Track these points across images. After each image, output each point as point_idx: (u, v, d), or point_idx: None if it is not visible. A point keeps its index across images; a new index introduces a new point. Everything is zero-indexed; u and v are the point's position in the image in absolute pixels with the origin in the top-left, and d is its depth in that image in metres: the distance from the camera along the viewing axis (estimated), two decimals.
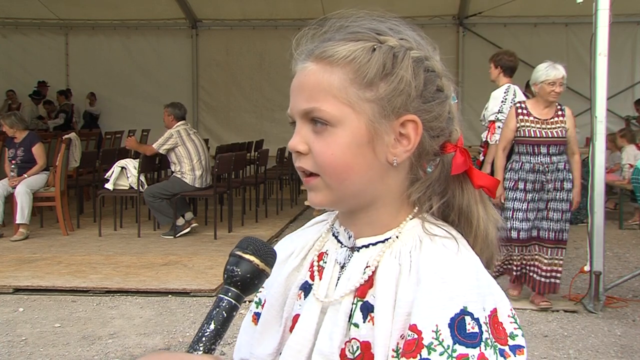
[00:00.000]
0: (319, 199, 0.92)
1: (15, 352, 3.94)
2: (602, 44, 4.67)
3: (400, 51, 0.89)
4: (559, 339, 4.14)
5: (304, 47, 0.94)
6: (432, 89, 0.91)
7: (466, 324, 0.81)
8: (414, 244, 0.90)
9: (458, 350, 0.80)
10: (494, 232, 0.96)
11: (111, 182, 7.27)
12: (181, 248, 6.60)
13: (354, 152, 0.88)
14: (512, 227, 4.61)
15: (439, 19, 11.39)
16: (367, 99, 0.88)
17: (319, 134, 0.89)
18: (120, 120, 11.94)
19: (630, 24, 10.87)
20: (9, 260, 6.06)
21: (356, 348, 0.89)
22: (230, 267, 0.88)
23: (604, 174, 4.85)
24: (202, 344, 0.84)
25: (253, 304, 1.09)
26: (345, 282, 0.93)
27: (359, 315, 0.90)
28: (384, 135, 0.89)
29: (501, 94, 5.44)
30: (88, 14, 11.93)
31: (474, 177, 0.94)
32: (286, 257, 1.03)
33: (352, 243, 0.95)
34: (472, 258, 0.89)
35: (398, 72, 0.88)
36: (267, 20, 11.71)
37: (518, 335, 0.85)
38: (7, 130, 7.34)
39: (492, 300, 0.85)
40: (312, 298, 0.95)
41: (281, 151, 9.73)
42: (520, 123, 4.61)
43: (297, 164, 0.93)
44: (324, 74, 0.89)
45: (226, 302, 0.87)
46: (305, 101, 0.90)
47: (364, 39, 0.90)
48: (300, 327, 0.94)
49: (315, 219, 1.08)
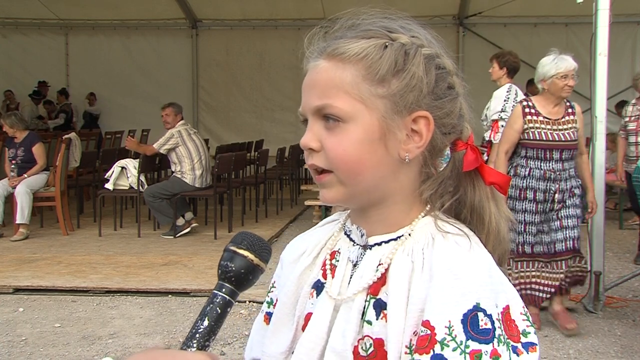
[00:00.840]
0: (331, 195, 0.92)
1: (16, 352, 3.94)
2: (602, 44, 4.66)
3: (412, 48, 0.90)
4: (559, 339, 4.14)
5: (316, 46, 0.95)
6: (444, 86, 0.92)
7: (479, 320, 0.82)
8: (426, 241, 0.90)
9: (471, 346, 0.81)
10: (506, 228, 0.96)
11: (111, 182, 7.27)
12: (181, 248, 6.60)
13: (366, 147, 0.89)
14: (526, 241, 4.15)
15: (439, 19, 11.38)
16: (379, 95, 0.89)
17: (331, 131, 0.90)
18: (120, 120, 11.93)
19: (630, 24, 10.87)
20: (9, 260, 6.06)
21: (369, 345, 0.89)
22: (224, 262, 0.88)
23: (604, 174, 4.85)
24: (195, 340, 0.83)
25: (265, 304, 1.09)
26: (358, 280, 0.93)
27: (372, 312, 0.90)
28: (396, 131, 0.89)
29: (504, 93, 5.48)
30: (88, 14, 11.93)
31: (486, 174, 0.95)
32: (298, 256, 1.03)
33: (364, 241, 0.96)
34: (485, 255, 0.89)
35: (410, 68, 0.89)
36: (267, 20, 11.70)
37: (530, 333, 0.86)
38: (7, 130, 7.34)
39: (505, 297, 0.86)
40: (325, 296, 0.95)
41: (281, 151, 9.72)
42: (528, 124, 4.11)
43: (310, 162, 0.93)
44: (336, 71, 0.89)
45: (220, 298, 0.86)
46: (317, 98, 0.90)
47: (376, 36, 0.91)
48: (313, 325, 0.94)
49: (327, 219, 1.08)
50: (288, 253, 1.07)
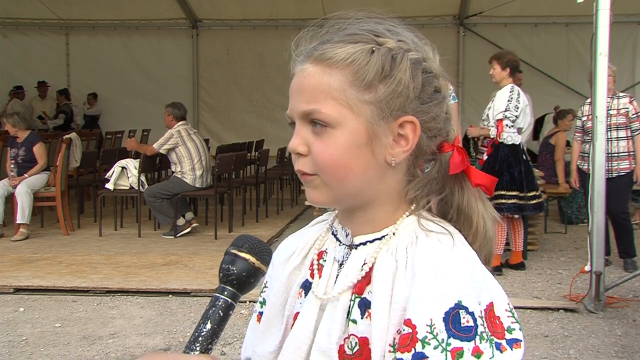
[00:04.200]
0: (317, 196, 0.93)
1: (16, 352, 3.94)
2: (603, 44, 4.66)
3: (399, 53, 0.90)
4: (559, 339, 4.14)
5: (303, 48, 0.95)
6: (430, 90, 0.92)
7: (461, 317, 0.82)
8: (410, 240, 0.91)
9: (452, 344, 0.81)
10: (493, 228, 0.97)
11: (112, 182, 7.27)
12: (182, 248, 6.60)
13: (353, 153, 0.89)
14: None
15: (440, 19, 11.37)
16: (366, 101, 0.89)
17: (318, 136, 0.90)
18: (120, 120, 11.92)
19: (630, 24, 10.86)
20: (10, 260, 6.06)
21: (355, 344, 0.90)
22: (226, 265, 0.88)
23: (604, 174, 4.85)
24: (198, 343, 0.84)
25: (258, 304, 1.10)
26: (343, 279, 0.94)
27: (357, 311, 0.91)
28: (382, 137, 0.90)
29: (507, 93, 5.52)
30: (88, 14, 11.92)
31: (472, 175, 0.96)
32: (288, 257, 1.04)
33: (349, 241, 0.96)
34: (468, 253, 0.89)
35: (396, 74, 0.89)
36: (267, 20, 11.70)
37: (515, 329, 0.86)
38: (9, 129, 7.35)
39: (488, 295, 0.86)
40: (311, 295, 0.96)
41: (281, 151, 9.72)
42: None
43: (297, 167, 0.94)
44: (323, 76, 0.90)
45: (222, 301, 0.86)
46: (304, 103, 0.91)
47: (363, 40, 0.91)
48: (300, 324, 0.95)
49: (317, 219, 1.09)
50: (278, 254, 1.08)
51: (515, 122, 5.51)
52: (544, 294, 5.07)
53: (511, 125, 5.50)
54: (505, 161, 5.51)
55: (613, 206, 5.14)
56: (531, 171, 5.72)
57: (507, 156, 5.52)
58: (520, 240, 5.74)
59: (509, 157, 5.52)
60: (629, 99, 5.82)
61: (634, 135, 5.76)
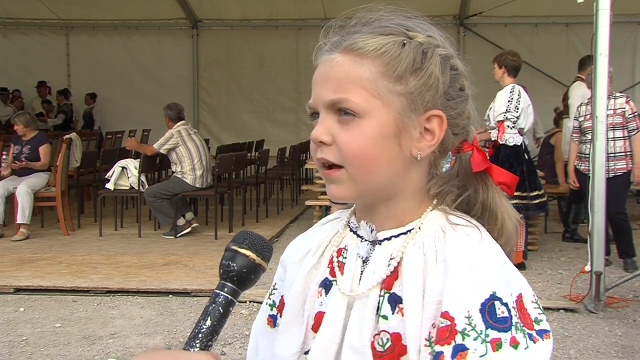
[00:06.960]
0: (341, 192, 0.92)
1: (16, 352, 3.94)
2: (603, 44, 4.66)
3: (430, 48, 0.91)
4: (559, 339, 4.14)
5: (328, 39, 0.94)
6: (457, 87, 0.94)
7: (496, 308, 0.83)
8: (436, 234, 0.91)
9: (491, 335, 0.82)
10: (516, 225, 0.97)
11: (112, 182, 7.27)
12: (182, 248, 6.60)
13: (380, 144, 0.89)
14: None
15: (440, 19, 11.35)
16: (396, 92, 0.89)
17: (344, 125, 0.89)
18: (120, 120, 11.92)
19: (630, 24, 10.86)
20: (10, 260, 6.07)
21: (386, 340, 0.89)
22: (226, 262, 0.87)
23: (605, 174, 4.85)
24: (198, 340, 0.83)
25: (266, 307, 1.09)
26: (370, 275, 0.93)
27: (387, 307, 0.90)
28: (410, 129, 0.90)
29: (507, 94, 5.51)
30: (89, 14, 11.92)
31: (494, 173, 0.96)
32: (302, 256, 1.03)
33: (373, 236, 0.96)
34: (495, 245, 0.90)
35: (428, 67, 0.90)
36: (267, 20, 11.70)
37: (542, 320, 0.87)
38: (19, 129, 7.36)
39: (518, 286, 0.87)
40: (337, 293, 0.95)
41: (282, 151, 9.72)
42: None
43: (319, 155, 0.92)
44: (354, 66, 0.89)
45: (222, 298, 0.86)
46: (332, 92, 0.90)
47: (394, 33, 0.91)
48: (328, 323, 0.94)
49: (327, 217, 1.08)
50: (290, 254, 1.06)
51: (516, 123, 5.51)
52: (544, 294, 5.07)
53: (512, 127, 5.50)
54: (506, 162, 5.51)
55: (610, 207, 5.14)
56: (534, 171, 5.72)
57: (508, 157, 5.52)
58: (520, 240, 5.74)
59: (510, 157, 5.52)
60: (625, 99, 5.82)
61: (631, 135, 5.77)
